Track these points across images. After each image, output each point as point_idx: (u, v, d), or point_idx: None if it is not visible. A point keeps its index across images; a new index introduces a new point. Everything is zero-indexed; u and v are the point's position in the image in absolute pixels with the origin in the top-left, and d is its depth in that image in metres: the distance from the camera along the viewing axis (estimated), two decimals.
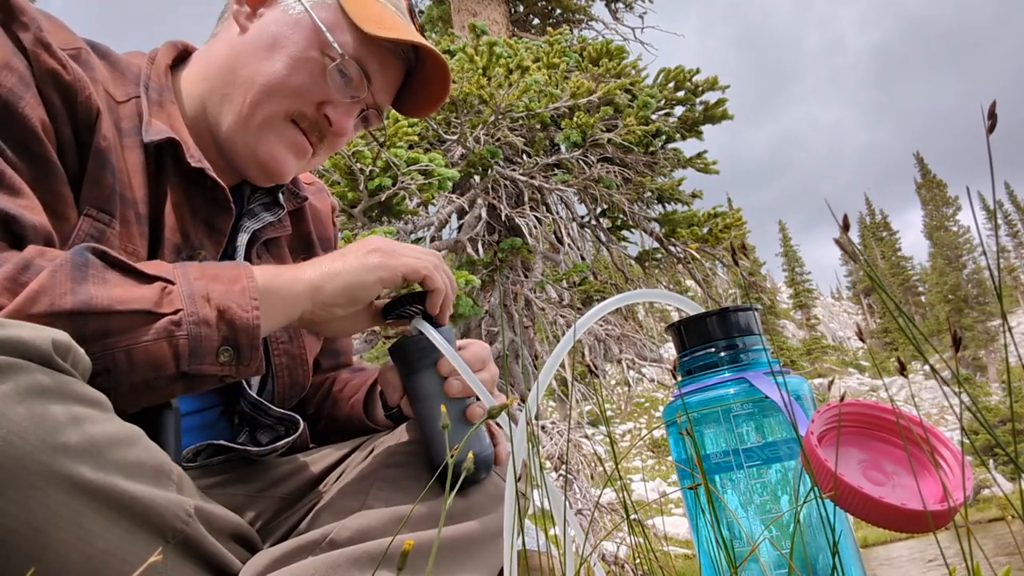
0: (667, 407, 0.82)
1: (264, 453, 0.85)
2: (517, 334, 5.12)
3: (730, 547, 0.67)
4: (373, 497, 0.71)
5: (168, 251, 0.80)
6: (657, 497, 2.37)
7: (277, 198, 0.96)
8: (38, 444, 0.48)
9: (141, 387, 0.62)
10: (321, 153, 0.92)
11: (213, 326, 0.64)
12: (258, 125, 0.85)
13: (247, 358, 0.66)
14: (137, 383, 0.62)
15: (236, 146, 0.87)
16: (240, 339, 0.65)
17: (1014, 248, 67.65)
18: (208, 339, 0.64)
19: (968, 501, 0.60)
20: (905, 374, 0.58)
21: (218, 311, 0.65)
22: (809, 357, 46.87)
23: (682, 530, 16.42)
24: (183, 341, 0.62)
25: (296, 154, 0.89)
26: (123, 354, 0.61)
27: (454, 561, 0.70)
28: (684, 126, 5.90)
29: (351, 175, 4.05)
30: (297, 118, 0.87)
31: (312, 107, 0.86)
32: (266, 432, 0.88)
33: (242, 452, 0.84)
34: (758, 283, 7.84)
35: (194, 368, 0.63)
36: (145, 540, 0.54)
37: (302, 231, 1.03)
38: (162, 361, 0.62)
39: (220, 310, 0.65)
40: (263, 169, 0.88)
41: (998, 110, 0.48)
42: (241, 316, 0.66)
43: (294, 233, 1.01)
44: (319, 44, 0.85)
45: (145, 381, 0.62)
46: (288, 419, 0.87)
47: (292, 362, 0.91)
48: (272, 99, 0.84)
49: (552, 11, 8.90)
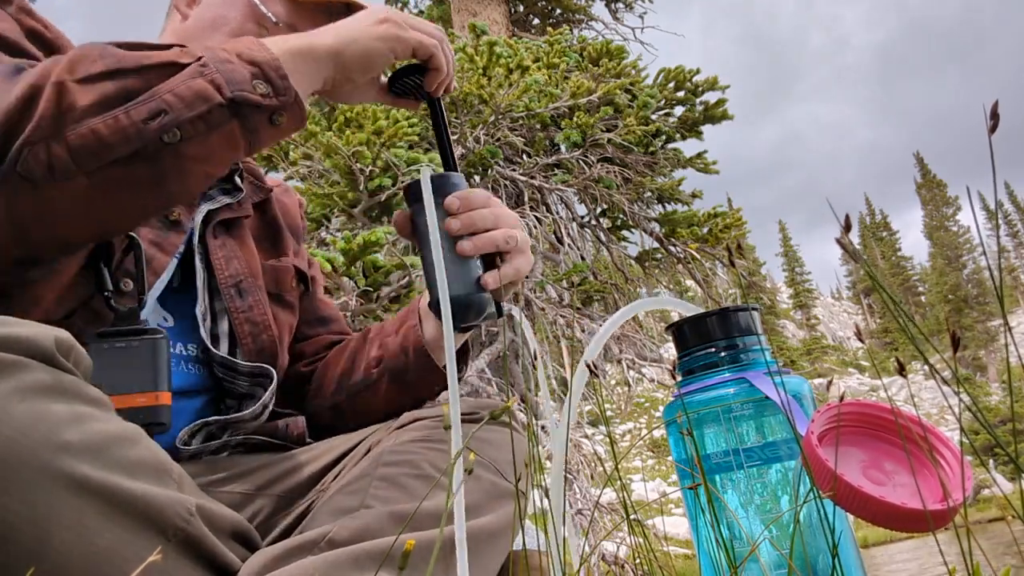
0: (667, 407, 0.82)
1: (254, 415, 0.87)
2: (517, 334, 5.12)
3: (730, 547, 0.68)
4: (372, 496, 0.71)
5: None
6: (657, 497, 2.37)
7: (235, 182, 1.01)
8: (40, 442, 0.48)
9: (200, 125, 0.67)
10: None
11: (236, 63, 0.70)
12: None
13: (282, 89, 0.71)
14: (196, 119, 0.66)
15: None
16: (268, 72, 0.71)
17: (1014, 248, 67.65)
18: (237, 71, 0.69)
19: (968, 501, 0.60)
20: (905, 374, 0.58)
21: (236, 54, 0.71)
22: (809, 357, 46.87)
23: (682, 530, 16.42)
24: (216, 75, 0.68)
25: None
26: (170, 95, 0.66)
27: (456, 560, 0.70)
28: (684, 126, 5.90)
29: (351, 175, 4.05)
30: None
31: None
32: (249, 403, 0.90)
33: (235, 419, 0.85)
34: (758, 283, 7.84)
35: (237, 93, 0.68)
36: (146, 538, 0.54)
37: (268, 219, 1.08)
38: (206, 92, 0.67)
39: (238, 54, 0.71)
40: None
41: (1000, 110, 0.48)
42: (259, 54, 0.71)
43: (259, 221, 1.06)
44: (254, 17, 0.95)
45: (200, 116, 0.66)
46: (259, 372, 0.90)
47: (255, 328, 0.93)
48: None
49: (552, 11, 8.90)
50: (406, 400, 0.98)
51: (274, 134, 0.73)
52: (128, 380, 0.74)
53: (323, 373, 1.05)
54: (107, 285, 0.78)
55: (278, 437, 0.93)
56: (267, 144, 0.75)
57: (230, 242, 0.96)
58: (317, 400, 1.04)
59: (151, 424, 0.75)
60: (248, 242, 1.00)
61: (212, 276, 0.92)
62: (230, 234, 0.98)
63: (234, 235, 0.98)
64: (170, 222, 0.89)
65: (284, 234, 1.09)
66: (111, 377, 0.73)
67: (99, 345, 0.75)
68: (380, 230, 3.34)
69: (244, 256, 0.96)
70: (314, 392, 1.05)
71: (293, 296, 1.06)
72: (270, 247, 1.06)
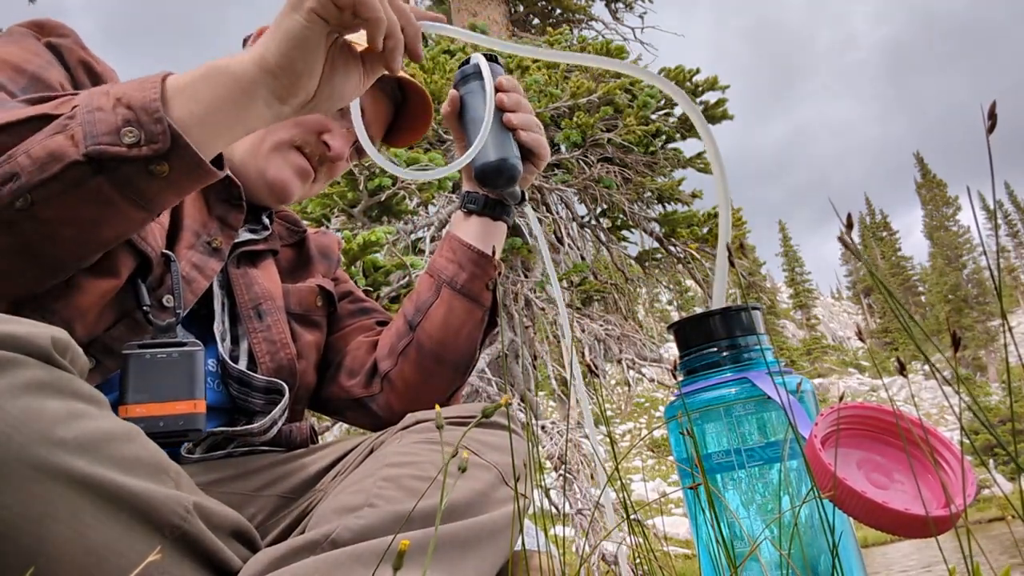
0: (668, 406, 0.82)
1: (263, 429, 0.88)
2: (517, 334, 5.12)
3: (730, 547, 0.67)
4: (376, 496, 0.71)
5: (188, 235, 0.89)
6: (657, 497, 2.37)
7: (264, 222, 1.05)
8: (35, 438, 0.48)
9: (55, 187, 0.62)
10: (321, 179, 1.05)
11: (107, 111, 0.64)
12: (268, 152, 0.98)
13: (155, 135, 0.63)
14: (47, 180, 0.61)
15: (248, 170, 0.99)
16: (140, 116, 0.64)
17: (1014, 248, 67.69)
18: (103, 121, 0.63)
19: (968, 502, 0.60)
20: (905, 374, 0.57)
21: (115, 100, 0.64)
22: (809, 357, 46.89)
23: (682, 530, 16.43)
24: (77, 129, 0.62)
25: (300, 176, 1.01)
26: (24, 157, 0.61)
27: (457, 558, 0.70)
28: (684, 126, 5.90)
29: (351, 175, 4.05)
30: (301, 145, 1.00)
31: (313, 136, 1.00)
32: (260, 418, 0.90)
33: (243, 432, 0.86)
34: (758, 283, 7.84)
35: (91, 148, 0.62)
36: (143, 535, 0.54)
37: (302, 254, 1.14)
38: (60, 150, 0.62)
39: (117, 98, 0.64)
40: (272, 190, 1.00)
41: (1005, 110, 0.48)
42: (137, 96, 0.64)
43: (294, 255, 1.12)
44: None
45: (53, 176, 0.61)
46: (274, 387, 0.91)
47: (272, 347, 0.95)
48: (280, 129, 0.98)
49: (552, 11, 8.90)
50: (462, 308, 1.00)
51: (164, 186, 0.66)
52: (169, 388, 0.79)
53: (386, 334, 1.06)
54: (144, 300, 0.81)
55: (282, 444, 0.94)
56: (166, 197, 0.68)
57: (252, 271, 1.00)
58: (387, 360, 1.02)
59: (189, 431, 0.78)
60: (271, 270, 1.03)
61: (233, 303, 0.95)
62: (253, 264, 1.01)
63: (257, 265, 1.02)
64: (212, 249, 0.91)
65: (314, 263, 1.13)
66: (152, 385, 0.78)
67: (141, 354, 0.79)
68: (380, 230, 3.34)
69: (265, 282, 1.00)
70: (381, 350, 1.04)
71: (319, 315, 1.08)
72: (299, 275, 1.10)
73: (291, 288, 1.04)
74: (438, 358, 0.99)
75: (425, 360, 0.99)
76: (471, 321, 1.00)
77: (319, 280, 1.10)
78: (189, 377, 0.80)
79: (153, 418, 0.77)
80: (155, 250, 0.83)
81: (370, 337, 1.09)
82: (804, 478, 0.70)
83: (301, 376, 0.99)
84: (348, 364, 1.06)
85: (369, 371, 1.04)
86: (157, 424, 0.77)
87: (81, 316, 0.76)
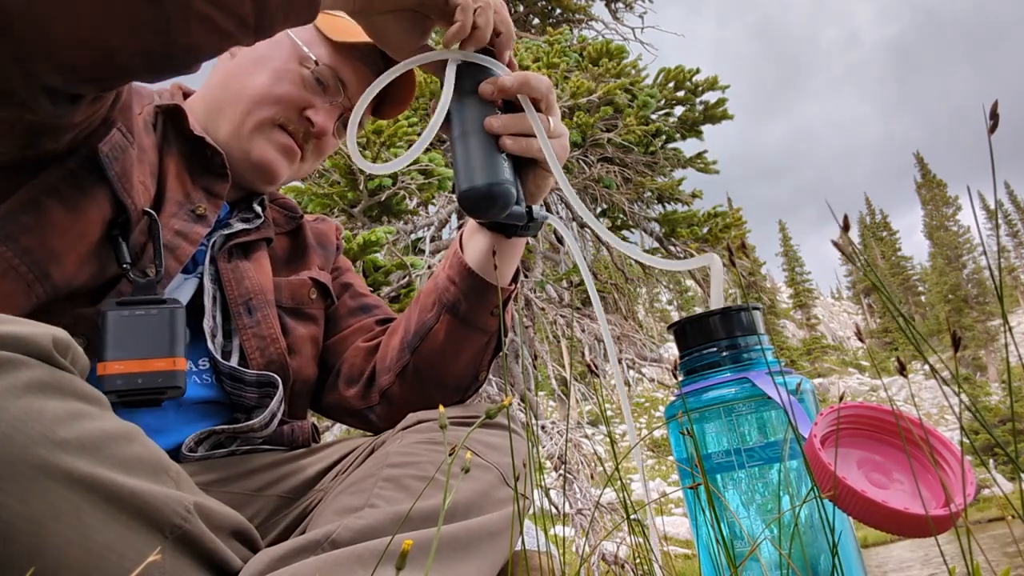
0: (668, 406, 0.82)
1: (263, 423, 0.87)
2: (517, 334, 5.12)
3: (730, 547, 0.67)
4: (376, 496, 0.71)
5: (171, 205, 0.88)
6: (657, 497, 2.40)
7: (256, 211, 1.04)
8: (36, 438, 0.48)
9: None
10: (310, 158, 1.03)
11: None
12: (250, 131, 0.97)
13: None
14: None
15: (233, 152, 0.97)
16: None
17: (1014, 248, 67.70)
18: None
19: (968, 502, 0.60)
20: (905, 374, 0.57)
21: None
22: (809, 357, 46.89)
23: (682, 530, 16.43)
24: None
25: (286, 155, 0.99)
26: None
27: (457, 559, 0.70)
28: (684, 126, 5.90)
29: (351, 175, 4.05)
30: (284, 123, 0.98)
31: (296, 112, 0.98)
32: (258, 413, 0.90)
33: (245, 429, 0.86)
34: (758, 283, 7.85)
35: None
36: (143, 535, 0.54)
37: (298, 242, 1.12)
38: None
39: None
40: (258, 171, 0.98)
41: (1007, 110, 0.48)
42: None
43: (289, 244, 1.10)
44: (298, 57, 0.98)
45: None
46: (266, 381, 0.91)
47: (262, 343, 0.94)
48: (260, 108, 0.96)
49: (552, 11, 8.90)
50: (464, 335, 0.95)
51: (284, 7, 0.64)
52: (147, 346, 0.77)
53: (386, 342, 1.03)
54: (125, 257, 0.80)
55: (284, 443, 0.94)
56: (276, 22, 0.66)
57: (243, 264, 0.98)
58: (386, 375, 1.00)
59: (168, 388, 0.77)
60: (263, 263, 1.01)
61: (224, 297, 0.94)
62: (245, 256, 1.00)
63: (249, 257, 1.00)
64: (196, 216, 0.91)
65: (310, 253, 1.11)
66: (131, 342, 0.77)
67: (119, 312, 0.77)
68: (380, 230, 3.35)
69: (256, 276, 0.98)
70: (381, 360, 1.02)
71: (314, 308, 1.06)
72: (294, 265, 1.08)
73: (283, 282, 1.03)
74: (438, 382, 0.97)
75: (425, 385, 0.97)
76: (473, 347, 0.96)
77: (313, 272, 1.08)
78: (169, 334, 0.79)
79: (131, 375, 0.76)
80: (135, 204, 0.81)
81: (369, 341, 1.07)
82: (804, 478, 0.70)
83: (297, 370, 0.99)
84: (346, 372, 1.04)
85: (367, 380, 1.02)
86: (135, 381, 0.76)
87: (56, 260, 0.75)
